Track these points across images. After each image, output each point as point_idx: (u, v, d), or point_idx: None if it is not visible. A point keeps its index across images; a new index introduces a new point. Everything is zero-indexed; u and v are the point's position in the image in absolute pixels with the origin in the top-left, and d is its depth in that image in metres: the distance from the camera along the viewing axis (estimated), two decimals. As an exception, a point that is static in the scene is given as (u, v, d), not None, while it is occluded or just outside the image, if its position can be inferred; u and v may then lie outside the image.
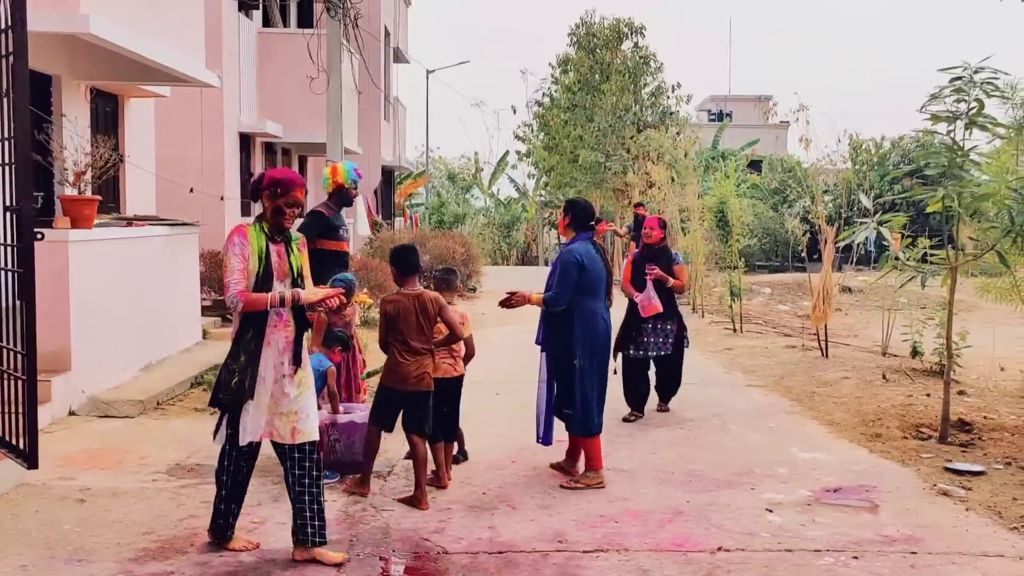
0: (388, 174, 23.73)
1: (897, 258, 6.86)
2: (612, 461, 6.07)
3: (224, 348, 4.71)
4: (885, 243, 7.04)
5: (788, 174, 41.59)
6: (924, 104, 6.96)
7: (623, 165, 21.30)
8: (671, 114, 22.44)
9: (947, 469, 6.19)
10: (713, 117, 51.58)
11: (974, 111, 6.79)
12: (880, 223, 6.78)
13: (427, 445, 5.43)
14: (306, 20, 18.94)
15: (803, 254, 12.69)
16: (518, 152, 32.76)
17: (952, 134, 6.89)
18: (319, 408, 5.81)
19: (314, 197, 18.94)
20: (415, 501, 5.22)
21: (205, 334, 11.13)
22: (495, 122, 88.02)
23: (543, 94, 29.19)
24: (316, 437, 4.43)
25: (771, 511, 5.25)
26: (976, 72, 6.81)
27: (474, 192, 46.43)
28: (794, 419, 7.76)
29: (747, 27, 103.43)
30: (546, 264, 42.98)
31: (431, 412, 5.39)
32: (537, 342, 5.95)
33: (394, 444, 6.07)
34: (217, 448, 4.48)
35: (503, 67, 76.06)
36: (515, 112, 29.42)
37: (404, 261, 5.36)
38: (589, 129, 22.97)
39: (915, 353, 9.98)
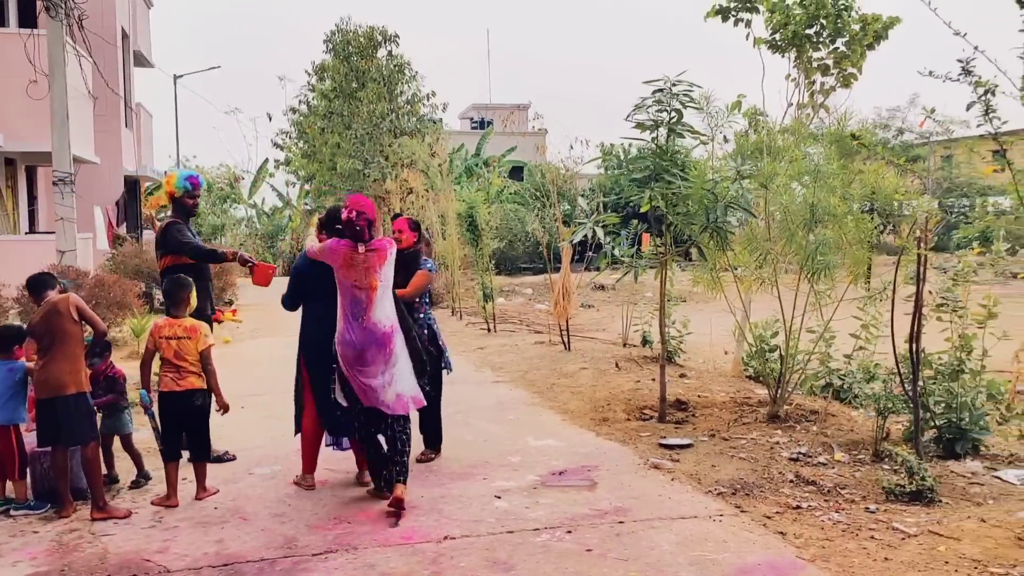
0: (132, 184, 22.35)
1: (609, 255, 7.44)
2: (349, 464, 6.13)
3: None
4: (608, 242, 7.61)
5: (543, 180, 43.26)
6: (630, 113, 7.61)
7: (382, 172, 21.40)
8: (433, 122, 22.83)
9: (661, 445, 6.81)
10: (475, 125, 52.88)
11: (674, 120, 7.51)
12: (596, 223, 7.34)
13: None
14: (29, 20, 17.47)
15: (553, 255, 13.37)
16: (276, 160, 32.01)
17: (656, 140, 7.58)
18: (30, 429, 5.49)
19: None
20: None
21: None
22: (253, 130, 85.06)
23: (300, 101, 28.76)
24: None
25: (499, 497, 5.54)
26: (674, 85, 7.54)
27: (232, 202, 44.70)
28: (533, 410, 8.19)
29: (504, 36, 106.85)
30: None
31: (73, 419, 5.19)
32: None
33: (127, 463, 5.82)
34: None
35: (259, 73, 73.70)
36: (271, 119, 28.85)
37: (29, 286, 5.49)
38: (347, 136, 22.89)
39: (645, 342, 10.84)
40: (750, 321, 8.58)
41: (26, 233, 18.02)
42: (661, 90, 7.60)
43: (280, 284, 6.19)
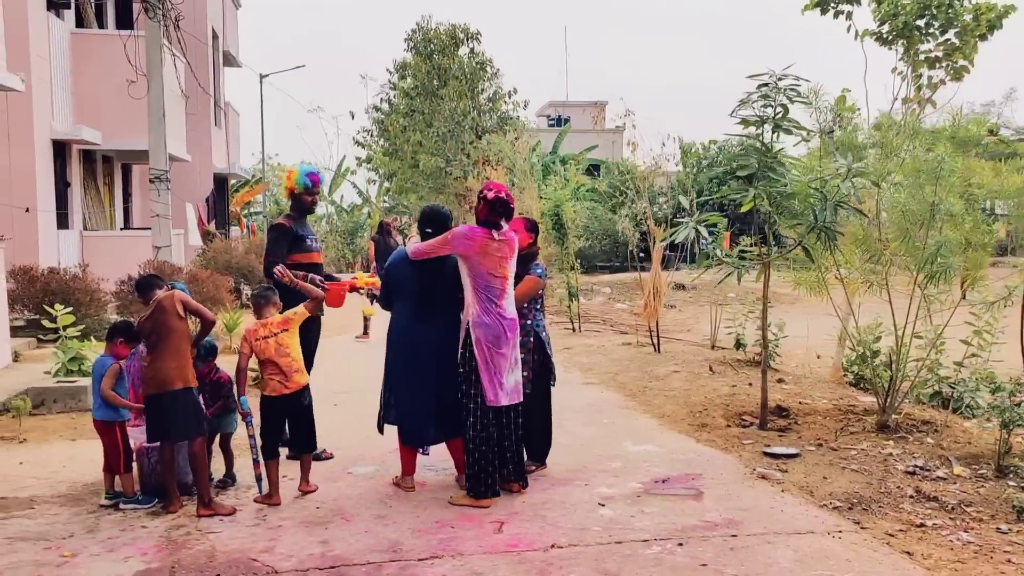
0: (221, 182, 22.86)
1: (710, 255, 7.20)
2: (449, 463, 6.04)
3: (39, 369, 4.37)
4: (708, 242, 7.37)
5: (624, 177, 42.92)
6: (734, 109, 7.35)
7: (463, 170, 21.41)
8: (509, 119, 22.76)
9: (765, 454, 6.55)
10: (552, 122, 52.74)
11: (780, 115, 7.22)
12: (699, 222, 7.11)
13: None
14: (125, 21, 17.97)
15: (638, 255, 13.16)
16: (358, 158, 32.34)
17: (761, 137, 7.30)
18: (134, 424, 5.55)
19: (138, 205, 18.02)
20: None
21: (16, 356, 10.36)
22: (334, 128, 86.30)
23: (382, 99, 29.00)
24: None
25: (603, 505, 5.38)
26: (780, 79, 7.26)
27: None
28: (627, 414, 8.01)
29: (582, 33, 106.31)
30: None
31: (180, 414, 5.20)
32: None
33: (240, 462, 5.84)
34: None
35: (341, 72, 74.82)
36: (353, 117, 29.20)
37: (137, 287, 5.57)
38: (428, 134, 22.97)
39: (739, 345, 10.54)
40: (856, 325, 8.23)
41: (121, 229, 18.56)
42: (766, 84, 7.34)
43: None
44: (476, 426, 5.33)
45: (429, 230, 5.58)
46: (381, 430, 5.81)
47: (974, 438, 7.00)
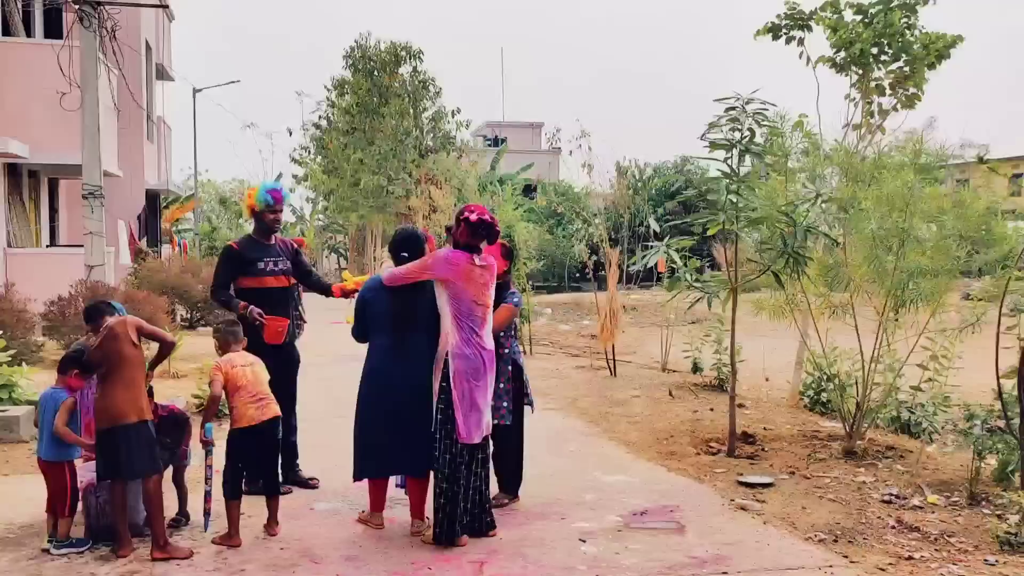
0: (153, 198, 22.11)
1: (680, 279, 7.09)
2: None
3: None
4: (673, 264, 7.26)
5: (562, 198, 43.12)
6: (704, 132, 7.28)
7: (406, 189, 21.12)
8: (451, 139, 22.57)
9: (740, 483, 6.43)
10: (489, 142, 52.79)
11: (747, 139, 7.17)
12: (669, 246, 7.00)
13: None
14: (54, 30, 17.27)
15: (588, 274, 13.09)
16: (295, 176, 31.73)
17: (729, 161, 7.24)
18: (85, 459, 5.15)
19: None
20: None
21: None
22: (269, 144, 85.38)
23: (320, 116, 28.56)
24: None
25: (584, 541, 5.16)
26: (747, 103, 7.22)
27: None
28: (592, 441, 7.82)
29: (517, 52, 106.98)
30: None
31: (134, 450, 4.81)
32: None
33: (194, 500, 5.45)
34: None
35: (275, 88, 73.76)
36: (291, 134, 28.52)
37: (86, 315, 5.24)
38: (369, 152, 22.64)
39: (696, 369, 10.48)
40: (823, 350, 8.22)
41: (47, 246, 17.75)
42: (733, 108, 7.30)
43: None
44: (450, 464, 5.04)
45: (404, 254, 5.29)
46: (358, 478, 5.37)
47: (940, 464, 7.01)
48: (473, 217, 5.15)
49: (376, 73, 23.37)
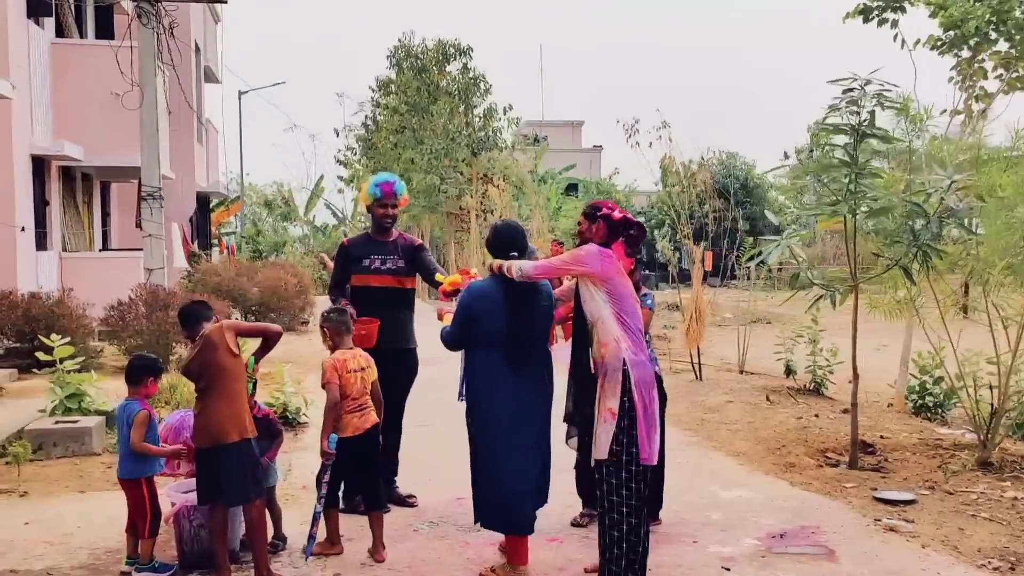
0: (203, 201, 21.88)
1: (798, 277, 6.51)
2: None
3: (28, 407, 3.53)
4: (793, 259, 6.65)
5: (604, 196, 42.60)
6: (824, 116, 6.70)
7: (459, 188, 20.67)
8: (501, 137, 22.07)
9: (877, 499, 5.84)
10: (529, 142, 52.24)
11: (867, 122, 6.57)
12: (790, 238, 6.42)
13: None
14: (104, 31, 17.07)
15: (671, 273, 12.52)
16: (340, 177, 31.47)
17: (850, 147, 6.65)
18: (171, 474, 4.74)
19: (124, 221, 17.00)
20: None
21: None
22: (311, 147, 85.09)
23: (367, 116, 28.23)
24: None
25: (728, 569, 4.62)
26: (867, 84, 6.63)
27: (289, 220, 44.48)
28: (697, 452, 7.27)
29: (555, 51, 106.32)
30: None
31: (236, 472, 4.33)
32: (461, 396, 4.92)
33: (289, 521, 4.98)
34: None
35: (316, 91, 73.79)
36: (338, 135, 28.11)
37: (181, 318, 4.58)
38: (420, 151, 22.22)
39: (788, 372, 9.87)
40: (935, 349, 7.59)
41: (100, 250, 17.54)
42: (852, 90, 6.71)
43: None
44: (636, 495, 4.23)
45: (514, 253, 4.71)
46: (483, 519, 4.71)
47: (1090, 477, 6.36)
48: (617, 215, 4.52)
49: (425, 71, 22.95)
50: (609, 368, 4.26)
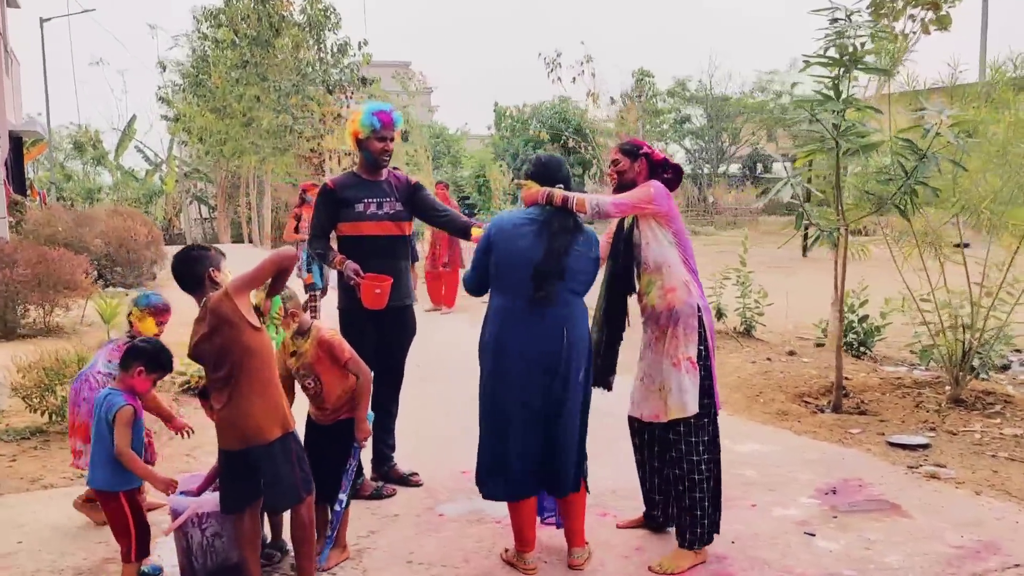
0: (16, 142, 19.21)
1: (802, 216, 6.21)
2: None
3: None
4: (794, 200, 6.32)
5: (436, 139, 41.65)
6: (820, 50, 6.35)
7: (315, 128, 19.26)
8: (358, 75, 20.73)
9: (890, 444, 5.70)
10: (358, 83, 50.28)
11: (853, 54, 6.29)
12: (795, 177, 6.08)
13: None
14: None
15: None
16: (164, 116, 28.78)
17: (837, 80, 6.36)
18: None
19: None
20: None
21: None
22: (121, 84, 77.05)
23: (193, 50, 25.89)
24: None
25: (813, 535, 4.25)
26: (850, 15, 6.35)
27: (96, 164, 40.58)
28: (674, 403, 6.90)
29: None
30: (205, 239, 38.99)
31: (280, 473, 3.42)
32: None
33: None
34: None
35: (126, 22, 66.70)
36: (164, 70, 25.32)
37: (176, 273, 3.56)
38: (265, 88, 20.51)
39: (719, 315, 9.72)
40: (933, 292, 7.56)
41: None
42: (837, 20, 6.41)
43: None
44: (714, 448, 3.98)
45: (560, 185, 4.02)
46: (488, 497, 3.94)
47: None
48: (658, 155, 4.06)
49: (264, 0, 21.08)
50: (682, 314, 3.90)
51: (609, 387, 4.14)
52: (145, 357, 3.66)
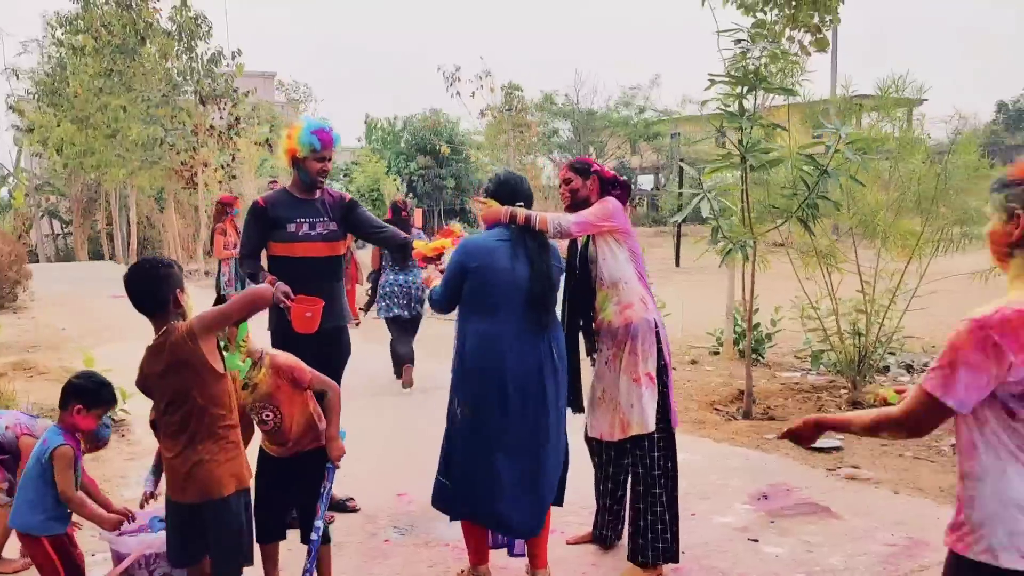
0: None
1: (718, 231, 6.42)
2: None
3: None
4: (711, 215, 6.51)
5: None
6: (725, 71, 6.61)
7: (188, 141, 18.48)
8: (233, 86, 20.01)
9: (812, 448, 5.94)
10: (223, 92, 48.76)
11: (758, 73, 6.58)
12: (710, 192, 6.27)
13: None
14: None
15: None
16: (16, 127, 26.98)
17: (743, 98, 6.63)
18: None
19: None
20: None
21: None
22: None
23: (48, 57, 24.47)
24: None
25: (756, 540, 4.38)
26: (754, 36, 6.64)
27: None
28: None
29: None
30: (59, 258, 36.66)
31: (228, 533, 3.12)
32: None
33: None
34: None
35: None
36: (18, 77, 23.67)
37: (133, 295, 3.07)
38: (131, 99, 19.55)
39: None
40: (745, 298, 7.93)
41: None
42: (741, 41, 6.70)
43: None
44: (669, 462, 4.03)
45: (521, 203, 4.02)
46: (455, 517, 3.83)
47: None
48: (608, 172, 4.12)
49: (134, 6, 20.10)
50: (640, 330, 3.94)
51: (582, 409, 4.14)
52: (84, 395, 3.39)
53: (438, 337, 8.44)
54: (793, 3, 9.04)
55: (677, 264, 20.29)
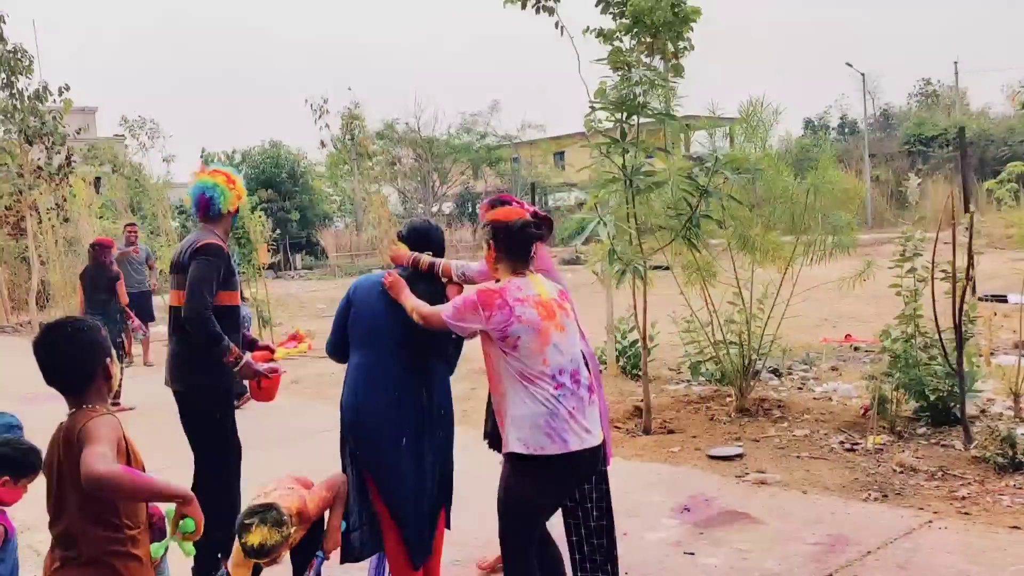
0: None
1: (617, 256, 6.56)
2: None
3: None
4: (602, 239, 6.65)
5: (138, 189, 39.28)
6: (597, 95, 6.84)
7: (14, 184, 17.15)
8: (63, 123, 18.69)
9: (711, 457, 6.16)
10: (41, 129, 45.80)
11: (639, 98, 6.84)
12: (603, 218, 6.42)
13: None
14: None
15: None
16: None
17: (622, 125, 6.86)
18: None
19: None
20: None
21: None
22: None
23: None
24: None
25: (692, 554, 4.48)
26: (631, 66, 6.92)
27: None
28: (482, 443, 6.96)
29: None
30: None
31: None
32: None
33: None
34: None
35: None
36: None
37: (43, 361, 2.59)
38: (-51, 139, 17.97)
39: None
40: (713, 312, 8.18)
41: None
42: (621, 67, 6.97)
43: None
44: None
45: (429, 251, 3.93)
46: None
47: (834, 409, 7.26)
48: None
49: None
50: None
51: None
52: (9, 466, 3.06)
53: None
54: (652, 31, 9.45)
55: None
